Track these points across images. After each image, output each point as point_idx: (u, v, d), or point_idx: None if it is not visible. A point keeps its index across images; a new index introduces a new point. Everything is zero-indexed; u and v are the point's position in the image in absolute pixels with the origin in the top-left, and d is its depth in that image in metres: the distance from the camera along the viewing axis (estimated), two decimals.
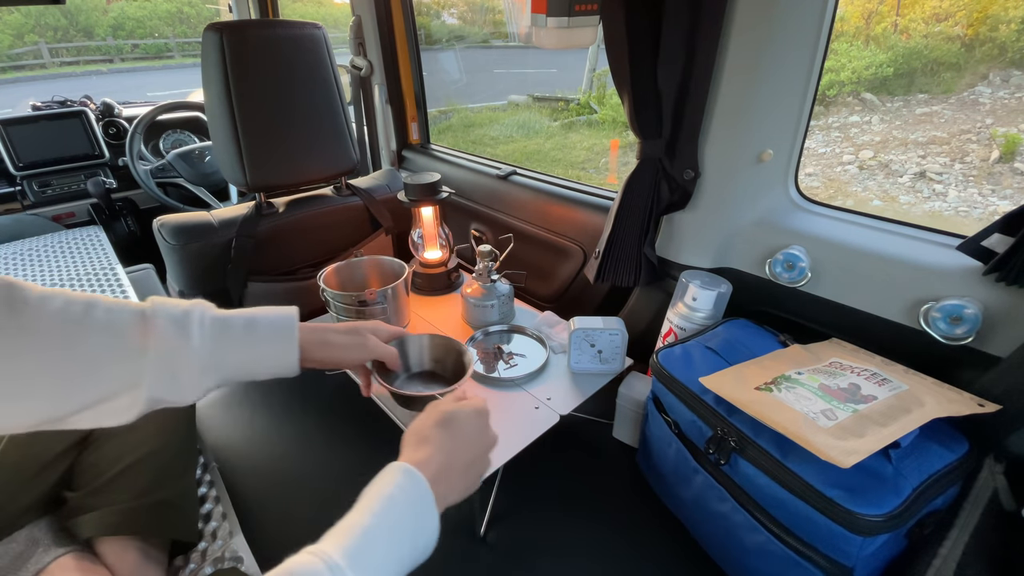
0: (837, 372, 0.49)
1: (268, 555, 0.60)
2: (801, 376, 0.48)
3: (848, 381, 0.47)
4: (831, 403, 0.45)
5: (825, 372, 0.49)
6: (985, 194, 2.54)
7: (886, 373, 0.48)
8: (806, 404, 0.45)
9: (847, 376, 0.48)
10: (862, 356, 0.53)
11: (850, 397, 0.45)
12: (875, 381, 0.47)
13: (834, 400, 0.45)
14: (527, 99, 5.59)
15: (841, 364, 0.51)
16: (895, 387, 0.46)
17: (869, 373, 0.48)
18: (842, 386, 0.46)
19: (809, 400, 0.45)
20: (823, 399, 0.45)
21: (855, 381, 0.47)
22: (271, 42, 0.93)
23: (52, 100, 1.75)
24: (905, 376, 0.48)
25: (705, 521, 0.60)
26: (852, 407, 0.44)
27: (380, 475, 0.41)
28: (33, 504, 0.53)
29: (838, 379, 0.47)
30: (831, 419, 0.43)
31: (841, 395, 0.46)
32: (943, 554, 0.45)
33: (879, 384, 0.47)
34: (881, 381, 0.47)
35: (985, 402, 0.43)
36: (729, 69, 0.67)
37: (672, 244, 0.83)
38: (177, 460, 0.61)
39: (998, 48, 3.01)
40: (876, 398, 0.45)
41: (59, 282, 1.15)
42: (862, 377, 0.47)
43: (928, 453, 0.49)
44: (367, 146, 1.56)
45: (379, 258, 0.94)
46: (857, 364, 0.50)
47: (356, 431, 0.81)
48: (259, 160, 0.96)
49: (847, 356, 0.53)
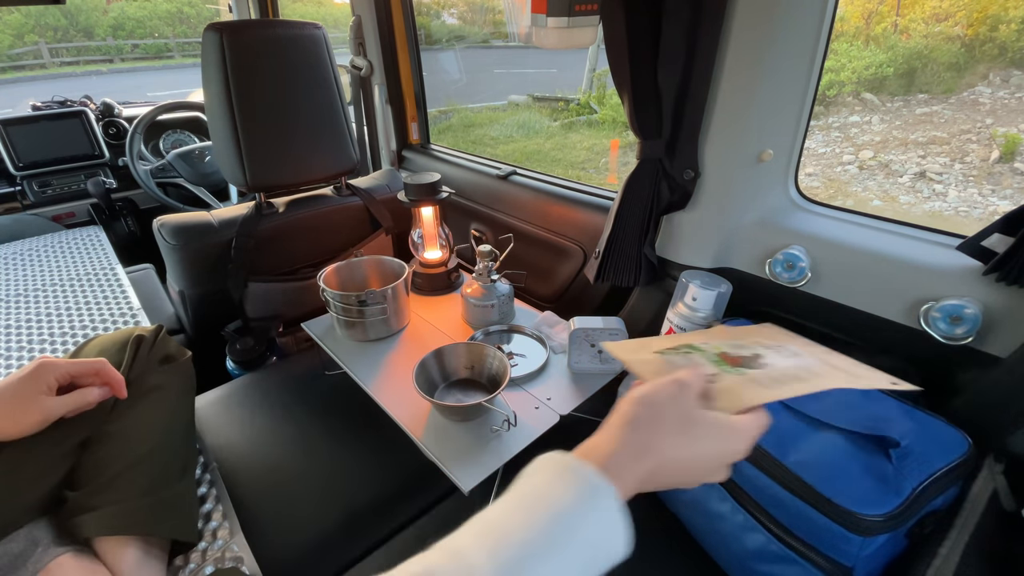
0: (748, 345, 0.44)
1: (268, 555, 0.60)
2: (707, 346, 0.44)
3: (753, 352, 0.43)
4: (720, 367, 0.40)
5: (735, 345, 0.44)
6: (985, 194, 2.54)
7: (804, 351, 0.43)
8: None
9: (755, 348, 0.44)
10: (791, 337, 0.47)
11: (744, 363, 0.41)
12: (784, 354, 0.42)
13: (725, 364, 0.41)
14: (527, 99, 5.59)
15: (760, 341, 0.46)
16: (802, 361, 0.41)
17: (783, 348, 0.44)
18: (743, 355, 0.42)
19: (698, 366, 0.40)
20: (714, 363, 0.41)
21: (760, 352, 0.43)
22: (271, 42, 0.93)
23: (52, 100, 1.75)
24: (825, 355, 0.43)
25: (705, 521, 0.60)
26: (741, 371, 0.40)
27: (560, 475, 0.31)
28: (33, 504, 0.53)
29: (743, 350, 0.43)
30: (711, 382, 0.38)
31: (736, 361, 0.41)
32: (943, 554, 0.45)
33: (786, 357, 0.42)
34: (791, 355, 0.42)
35: (899, 381, 0.38)
36: (729, 69, 0.67)
37: (672, 244, 0.83)
38: (177, 460, 0.61)
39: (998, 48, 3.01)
40: (772, 367, 0.40)
41: (59, 282, 1.15)
42: (771, 350, 0.43)
43: (928, 453, 0.49)
44: (367, 146, 1.56)
45: (379, 258, 0.94)
46: (775, 342, 0.45)
47: (356, 431, 0.81)
48: (259, 160, 0.96)
49: (776, 336, 0.47)
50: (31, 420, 0.50)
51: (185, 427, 0.66)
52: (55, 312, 1.03)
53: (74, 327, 0.98)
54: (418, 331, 0.90)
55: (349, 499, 0.70)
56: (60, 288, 1.12)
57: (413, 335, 0.89)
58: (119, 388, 0.56)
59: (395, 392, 0.74)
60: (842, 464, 0.48)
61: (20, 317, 1.01)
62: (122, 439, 0.57)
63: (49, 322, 1.00)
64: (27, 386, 0.51)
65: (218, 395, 0.91)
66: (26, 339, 0.94)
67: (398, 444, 0.70)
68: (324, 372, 0.93)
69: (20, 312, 1.03)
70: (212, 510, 0.64)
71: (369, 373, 0.79)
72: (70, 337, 0.95)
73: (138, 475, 0.56)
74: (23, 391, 0.50)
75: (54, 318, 1.01)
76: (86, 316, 1.02)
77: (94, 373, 0.55)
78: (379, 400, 0.73)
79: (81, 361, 0.55)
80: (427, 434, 0.66)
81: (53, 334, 0.96)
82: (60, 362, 0.53)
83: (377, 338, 0.87)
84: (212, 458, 0.72)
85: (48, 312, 1.03)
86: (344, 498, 0.70)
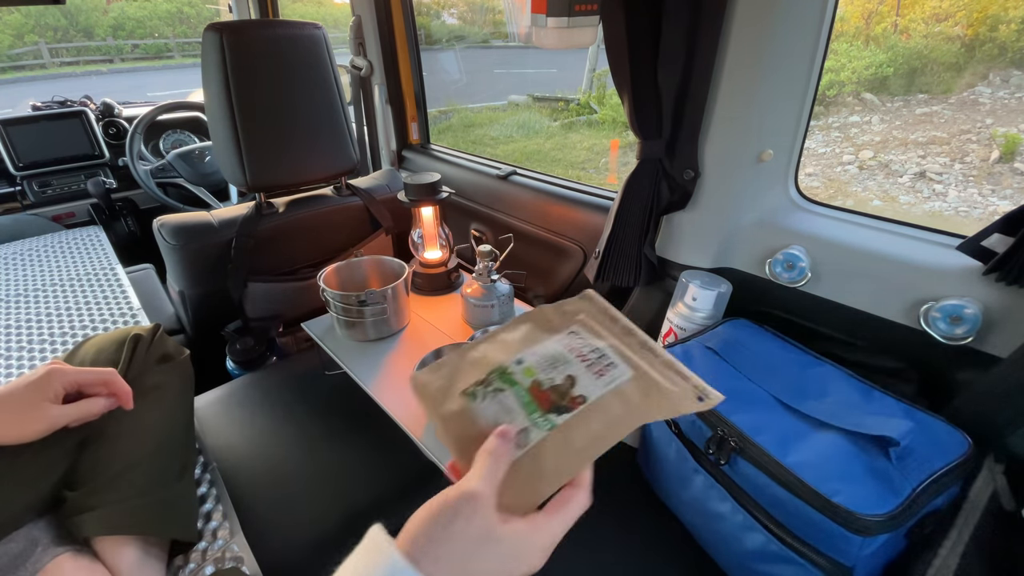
0: (561, 360, 0.39)
1: (268, 555, 0.60)
2: (520, 367, 0.39)
3: (566, 372, 0.38)
4: (532, 416, 0.37)
5: (548, 361, 0.40)
6: (985, 194, 2.54)
7: (615, 355, 0.39)
8: (504, 420, 0.37)
9: (568, 365, 0.39)
10: (606, 324, 0.43)
11: (556, 399, 0.37)
12: (596, 370, 0.38)
13: (537, 412, 0.37)
14: (527, 99, 5.59)
15: (578, 336, 0.41)
16: (615, 377, 0.38)
17: (596, 357, 0.39)
18: (556, 382, 0.38)
19: (510, 414, 0.37)
20: (526, 411, 0.37)
21: (573, 372, 0.38)
22: (271, 42, 0.93)
23: (52, 100, 1.75)
24: (638, 354, 0.39)
25: (705, 521, 0.60)
26: (552, 421, 0.36)
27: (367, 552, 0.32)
28: (32, 504, 0.53)
29: (556, 370, 0.39)
30: (521, 446, 0.35)
31: (546, 399, 0.37)
32: (943, 554, 0.45)
33: (599, 374, 0.38)
34: (604, 368, 0.38)
35: (706, 394, 0.36)
36: (729, 69, 0.67)
37: (672, 244, 0.83)
38: (176, 459, 0.61)
39: (998, 48, 3.01)
40: (586, 399, 0.37)
41: (59, 282, 1.15)
42: (584, 364, 0.39)
43: (928, 453, 0.49)
44: (367, 146, 1.56)
45: (379, 258, 0.94)
46: (591, 340, 0.41)
47: (356, 431, 0.81)
48: (259, 160, 0.96)
49: (590, 321, 0.43)
50: (35, 428, 0.50)
51: (184, 427, 0.66)
52: (55, 312, 1.03)
53: (74, 327, 0.98)
54: (418, 331, 0.90)
55: (349, 499, 0.70)
56: (60, 288, 1.12)
57: (413, 335, 0.89)
58: (126, 399, 0.56)
59: (395, 392, 0.74)
60: (842, 464, 0.48)
61: (20, 317, 1.01)
62: (121, 439, 0.57)
63: (49, 322, 1.00)
64: (34, 393, 0.50)
65: (218, 395, 0.91)
66: (26, 339, 0.94)
67: (398, 444, 0.70)
68: (324, 372, 0.93)
69: (20, 312, 1.03)
70: (212, 510, 0.64)
71: (369, 373, 0.79)
72: (70, 337, 0.95)
73: (137, 475, 0.56)
74: (30, 398, 0.50)
75: (54, 318, 1.01)
76: (86, 316, 1.02)
77: (102, 383, 0.55)
78: (379, 400, 0.73)
79: (90, 370, 0.55)
80: (427, 434, 0.66)
81: (53, 334, 0.96)
82: (69, 370, 0.53)
83: (377, 338, 0.87)
84: (212, 458, 0.72)
85: (48, 312, 1.03)
86: (344, 498, 0.70)
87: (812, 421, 0.54)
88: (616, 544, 0.64)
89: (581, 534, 0.66)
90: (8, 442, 0.50)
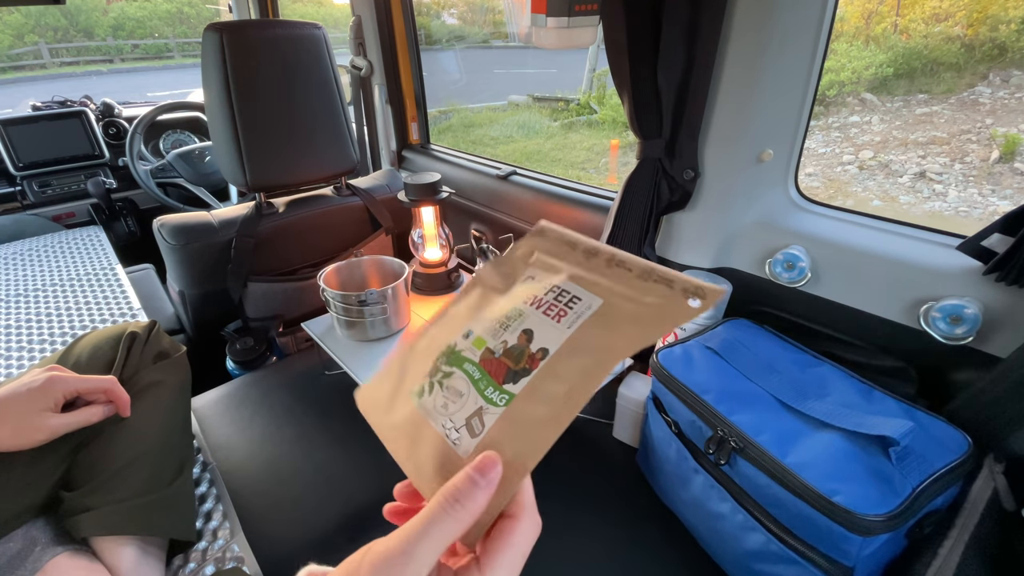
0: (514, 317, 0.32)
1: (268, 555, 0.60)
2: (467, 341, 0.32)
3: (518, 329, 0.31)
4: (485, 393, 0.30)
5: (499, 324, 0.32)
6: (985, 194, 2.54)
7: (576, 286, 0.32)
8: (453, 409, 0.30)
9: (521, 318, 0.32)
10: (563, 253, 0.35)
11: (512, 366, 0.30)
12: (555, 313, 0.31)
13: (491, 384, 0.30)
14: (527, 99, 5.59)
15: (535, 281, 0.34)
16: (580, 313, 0.30)
17: (553, 297, 0.32)
18: (510, 344, 0.31)
19: (460, 399, 0.30)
20: (478, 388, 0.30)
21: (529, 324, 0.31)
22: (271, 42, 0.93)
23: (52, 100, 1.75)
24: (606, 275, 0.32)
25: (705, 521, 0.60)
26: (509, 393, 0.29)
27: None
28: (31, 504, 0.53)
29: (508, 331, 0.31)
30: (475, 434, 0.29)
31: (501, 369, 0.30)
32: (943, 554, 0.45)
33: (559, 317, 0.31)
34: (565, 307, 0.31)
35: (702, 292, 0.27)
36: (729, 69, 0.67)
37: (672, 244, 0.83)
38: (174, 458, 0.61)
39: (998, 48, 3.01)
40: (547, 352, 0.29)
41: (59, 282, 1.15)
42: (540, 310, 0.31)
43: (928, 453, 0.49)
44: (367, 146, 1.56)
45: (379, 258, 0.94)
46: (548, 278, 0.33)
47: (356, 431, 0.81)
48: (259, 160, 0.96)
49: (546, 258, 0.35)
50: (35, 439, 0.50)
51: (182, 425, 0.65)
52: (55, 312, 1.03)
53: (74, 327, 0.98)
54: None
55: (349, 499, 0.70)
56: (60, 288, 1.12)
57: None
58: (124, 407, 0.57)
59: None
60: (842, 464, 0.48)
61: (20, 317, 1.01)
62: (118, 438, 0.57)
63: (49, 322, 1.00)
64: (35, 402, 0.50)
65: (218, 395, 0.91)
66: (26, 339, 0.94)
67: None
68: (324, 372, 0.93)
69: (20, 312, 1.03)
70: (212, 510, 0.64)
71: (369, 373, 0.79)
72: (70, 337, 0.95)
73: (135, 474, 0.56)
74: (30, 406, 0.50)
75: (54, 318, 1.01)
76: (86, 316, 1.02)
77: (102, 391, 0.55)
78: None
79: (90, 378, 0.55)
80: None
81: (53, 334, 0.96)
82: (69, 378, 0.53)
83: (377, 338, 0.87)
84: (212, 458, 0.72)
85: (48, 312, 1.03)
86: (344, 498, 0.70)
87: (812, 421, 0.54)
88: (616, 544, 0.64)
89: (581, 534, 0.66)
90: (8, 450, 0.50)
